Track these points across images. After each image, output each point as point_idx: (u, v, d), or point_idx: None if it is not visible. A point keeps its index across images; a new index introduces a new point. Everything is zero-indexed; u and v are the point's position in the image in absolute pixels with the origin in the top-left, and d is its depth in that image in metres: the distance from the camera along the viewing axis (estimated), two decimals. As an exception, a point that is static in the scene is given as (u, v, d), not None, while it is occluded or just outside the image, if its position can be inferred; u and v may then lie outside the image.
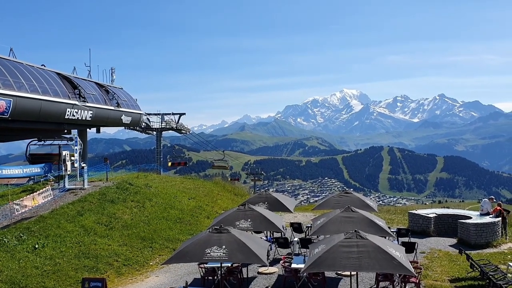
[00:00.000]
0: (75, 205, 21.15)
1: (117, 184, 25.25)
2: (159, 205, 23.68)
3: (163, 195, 25.69)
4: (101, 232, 18.87)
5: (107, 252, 17.32)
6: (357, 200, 17.71)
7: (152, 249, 18.66)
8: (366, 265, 9.29)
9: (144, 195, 24.47)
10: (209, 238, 11.08)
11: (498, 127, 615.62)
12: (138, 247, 18.49)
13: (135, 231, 19.82)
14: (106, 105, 30.32)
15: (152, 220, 21.45)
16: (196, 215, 24.07)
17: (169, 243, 19.51)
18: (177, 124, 52.50)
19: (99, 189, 23.86)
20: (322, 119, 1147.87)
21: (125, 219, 20.72)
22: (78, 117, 26.28)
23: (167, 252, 18.48)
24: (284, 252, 17.47)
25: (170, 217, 22.43)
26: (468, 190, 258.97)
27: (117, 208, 21.64)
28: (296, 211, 29.55)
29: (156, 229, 20.57)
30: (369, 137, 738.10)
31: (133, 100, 35.68)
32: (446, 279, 14.64)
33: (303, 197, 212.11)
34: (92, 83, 30.79)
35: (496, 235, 19.78)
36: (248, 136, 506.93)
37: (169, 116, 52.30)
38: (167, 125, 51.72)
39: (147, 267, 17.12)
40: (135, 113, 35.08)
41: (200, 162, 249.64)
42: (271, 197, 18.31)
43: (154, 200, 24.23)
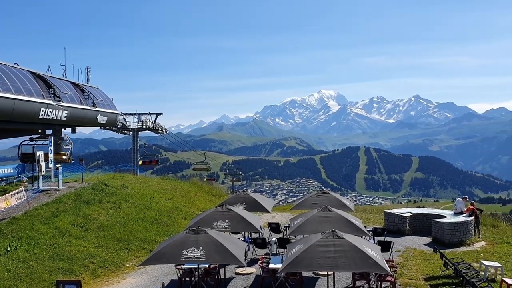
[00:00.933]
0: (49, 206, 20.73)
1: (93, 185, 24.88)
2: (135, 206, 23.42)
3: (139, 196, 25.43)
4: (76, 234, 18.55)
5: (82, 253, 17.04)
6: (334, 200, 17.87)
7: (129, 251, 18.45)
8: (343, 264, 9.38)
9: (120, 196, 24.17)
10: (186, 239, 11.01)
11: (472, 128, 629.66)
12: (114, 249, 18.25)
13: (111, 232, 19.56)
14: (82, 105, 29.82)
15: (129, 221, 21.21)
16: (173, 216, 23.90)
17: (146, 245, 19.32)
18: (154, 124, 52.01)
19: (74, 190, 23.45)
20: (300, 119, 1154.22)
21: (101, 220, 20.43)
22: (53, 117, 25.77)
23: (143, 254, 18.30)
24: (262, 253, 17.49)
25: (146, 218, 22.21)
26: (443, 190, 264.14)
27: (93, 209, 21.32)
28: (274, 211, 29.62)
29: (133, 230, 20.35)
30: (346, 138, 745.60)
31: (109, 99, 35.19)
32: (421, 278, 14.89)
33: (282, 197, 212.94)
34: (67, 83, 30.24)
35: (470, 234, 20.21)
36: (226, 136, 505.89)
37: (145, 116, 51.76)
38: (144, 125, 51.19)
39: (124, 268, 16.92)
40: (111, 113, 34.60)
41: (178, 163, 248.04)
42: (249, 197, 18.31)
43: (130, 201, 23.96)
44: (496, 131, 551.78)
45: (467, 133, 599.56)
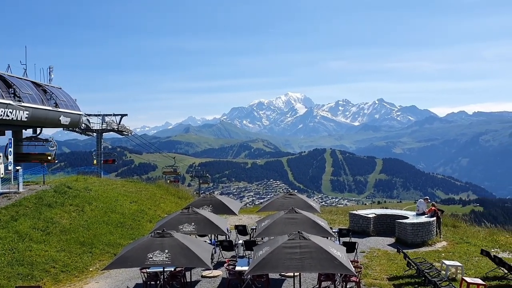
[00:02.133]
0: (8, 210, 20.02)
1: (55, 188, 24.20)
2: (99, 209, 22.93)
3: (103, 198, 24.91)
4: (37, 238, 17.98)
5: (43, 258, 16.53)
6: (300, 202, 17.98)
7: (92, 255, 18.03)
8: (309, 265, 9.44)
9: (84, 199, 23.61)
10: (151, 243, 10.84)
11: (433, 131, 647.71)
12: (77, 253, 17.80)
13: (74, 236, 19.07)
14: (44, 105, 28.96)
15: (92, 225, 20.74)
16: (138, 219, 23.54)
17: (110, 248, 18.94)
18: (118, 125, 51.11)
19: (35, 193, 22.74)
20: (267, 121, 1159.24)
21: (63, 224, 19.89)
22: (13, 117, 24.91)
23: (107, 257, 17.93)
24: (229, 255, 17.43)
25: (111, 221, 21.78)
26: (405, 191, 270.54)
27: (55, 213, 20.73)
28: (241, 214, 29.60)
29: (96, 233, 19.90)
30: (312, 140, 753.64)
31: (72, 100, 34.33)
32: (384, 278, 15.18)
33: (249, 199, 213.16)
34: (28, 82, 29.30)
35: (431, 234, 20.77)
36: (193, 138, 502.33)
37: (110, 117, 50.82)
38: (108, 126, 50.23)
39: (87, 273, 16.52)
40: (75, 114, 33.76)
41: (143, 165, 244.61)
42: (216, 200, 18.22)
43: (94, 203, 23.44)
44: (457, 134, 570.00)
45: (428, 136, 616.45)
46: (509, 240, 21.64)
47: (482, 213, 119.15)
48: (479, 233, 24.12)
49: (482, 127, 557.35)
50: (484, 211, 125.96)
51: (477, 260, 17.58)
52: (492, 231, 24.73)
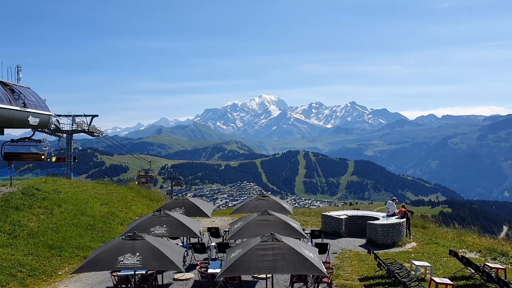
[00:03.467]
0: (-28, 213, 19.39)
1: (23, 190, 23.55)
2: (69, 212, 22.43)
3: (73, 201, 24.40)
4: (3, 241, 17.45)
5: (9, 262, 16.04)
6: (273, 203, 18.01)
7: (61, 258, 17.61)
8: (281, 267, 9.46)
9: (53, 201, 23.06)
10: (122, 245, 10.67)
11: (403, 134, 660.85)
12: (45, 256, 17.35)
13: (42, 239, 18.59)
14: (11, 105, 28.17)
15: (61, 227, 20.26)
16: (109, 222, 23.14)
17: (80, 251, 18.55)
18: (89, 126, 50.17)
19: (1, 195, 22.08)
20: (241, 123, 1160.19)
21: (31, 227, 19.37)
22: (-22, 118, 24.15)
23: (77, 261, 17.55)
24: (201, 258, 17.32)
25: (81, 224, 21.33)
26: (376, 193, 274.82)
27: (22, 215, 20.17)
28: (214, 216, 29.48)
29: (66, 236, 19.46)
30: (286, 142, 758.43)
31: (41, 100, 33.47)
32: (356, 278, 15.35)
33: (222, 201, 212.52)
34: (-6, 81, 28.45)
35: (401, 235, 21.13)
36: (165, 139, 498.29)
37: (80, 118, 49.81)
38: (78, 127, 49.23)
39: (55, 277, 16.12)
40: (44, 114, 32.89)
41: (114, 166, 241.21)
42: (188, 202, 18.07)
43: (63, 206, 22.92)
44: (426, 136, 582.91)
45: (399, 138, 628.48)
46: (477, 240, 22.21)
47: (451, 214, 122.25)
48: (447, 234, 24.70)
49: (451, 130, 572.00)
50: (453, 212, 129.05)
51: (445, 260, 17.97)
52: (460, 232, 25.37)
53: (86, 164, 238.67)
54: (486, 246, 20.75)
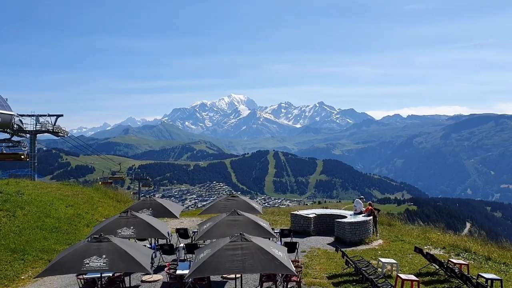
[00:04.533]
0: None
1: (-18, 192, 22.74)
2: (32, 214, 21.76)
3: (37, 202, 23.70)
4: (-39, 247, 16.81)
5: (-32, 268, 15.47)
6: (243, 203, 18.00)
7: (24, 262, 17.07)
8: (250, 266, 9.44)
9: (15, 203, 22.34)
10: (88, 248, 10.42)
11: (370, 133, 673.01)
12: (7, 260, 16.78)
13: (4, 242, 17.98)
14: (-31, 104, 27.18)
15: (24, 230, 19.65)
16: (75, 224, 22.59)
17: (44, 254, 18.03)
18: (53, 126, 48.91)
19: (-41, 198, 21.27)
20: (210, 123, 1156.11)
21: (-9, 231, 18.70)
22: None
23: (41, 264, 17.05)
24: (170, 259, 17.12)
25: (45, 226, 20.74)
26: (344, 191, 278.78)
27: (-18, 219, 19.46)
28: (183, 217, 29.22)
29: (29, 239, 18.88)
30: (256, 142, 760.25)
31: (2, 99, 32.43)
32: (324, 276, 15.48)
33: (191, 202, 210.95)
34: (-48, 80, 27.44)
35: (368, 233, 21.47)
36: (132, 139, 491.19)
37: (44, 118, 48.53)
38: (43, 127, 47.94)
39: (18, 281, 15.61)
40: (5, 114, 31.89)
41: (80, 167, 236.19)
42: (156, 203, 17.82)
43: (26, 208, 22.23)
44: (392, 136, 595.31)
45: (366, 138, 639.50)
46: (441, 237, 22.81)
47: (416, 212, 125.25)
48: (413, 231, 25.28)
49: (416, 130, 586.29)
50: (418, 210, 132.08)
51: (411, 257, 18.37)
52: (425, 229, 26.01)
53: (50, 165, 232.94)
54: (450, 243, 21.35)
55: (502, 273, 16.35)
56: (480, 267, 17.07)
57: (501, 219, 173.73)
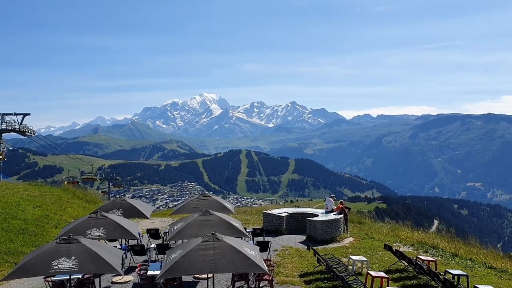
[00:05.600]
0: None
1: None
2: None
3: (3, 204, 23.03)
4: None
5: None
6: (215, 203, 17.93)
7: (-11, 265, 16.57)
8: (222, 266, 9.43)
9: (-21, 205, 21.66)
10: (56, 249, 10.18)
11: (341, 133, 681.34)
12: (-30, 264, 16.27)
13: (-33, 246, 17.42)
14: None
15: (-11, 233, 19.07)
16: (43, 225, 22.05)
17: (10, 257, 17.53)
18: (20, 126, 47.66)
19: None
20: (182, 122, 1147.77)
21: (-47, 234, 18.08)
22: None
23: (7, 267, 16.57)
24: (141, 260, 16.92)
25: (11, 228, 20.17)
26: (316, 190, 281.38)
27: None
28: (154, 217, 28.94)
29: (-6, 242, 18.34)
30: (228, 141, 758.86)
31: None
32: (296, 275, 15.60)
33: (162, 202, 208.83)
34: None
35: (339, 231, 21.74)
36: (102, 139, 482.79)
37: (10, 117, 47.25)
38: (8, 126, 46.68)
39: (-18, 286, 15.17)
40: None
41: (48, 167, 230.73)
42: (126, 203, 17.58)
43: (-9, 210, 21.58)
44: (362, 135, 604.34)
45: (337, 137, 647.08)
46: (409, 235, 23.31)
47: (385, 210, 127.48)
48: (382, 228, 25.75)
49: (385, 129, 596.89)
50: (387, 208, 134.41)
51: (380, 254, 18.70)
52: (394, 226, 26.54)
53: (17, 165, 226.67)
54: (418, 240, 21.84)
55: (468, 269, 16.82)
56: (447, 264, 17.52)
57: (468, 216, 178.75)
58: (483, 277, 15.79)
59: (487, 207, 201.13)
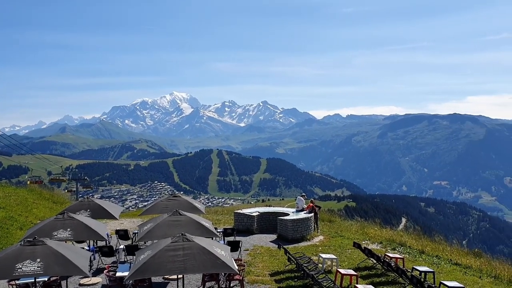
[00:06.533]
0: None
1: None
2: (-42, 218, 20.41)
3: (-36, 206, 22.25)
4: None
5: None
6: (185, 203, 17.80)
7: (-52, 270, 15.93)
8: (192, 267, 9.38)
9: None
10: (21, 252, 9.90)
11: (312, 132, 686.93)
12: None
13: None
14: None
15: (-51, 236, 18.38)
16: (7, 227, 21.41)
17: (-29, 261, 16.92)
18: (-17, 125, 46.09)
19: None
20: (151, 121, 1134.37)
21: None
22: None
23: (-32, 272, 15.98)
24: (109, 261, 16.64)
25: (-28, 231, 19.51)
26: (287, 189, 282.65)
27: None
28: (123, 218, 28.50)
29: (-46, 246, 17.68)
30: (199, 140, 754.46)
31: None
32: (267, 274, 15.65)
33: (131, 202, 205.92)
34: None
35: (310, 229, 21.94)
36: (69, 138, 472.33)
37: (-28, 115, 45.63)
38: (-30, 125, 45.07)
39: None
40: None
41: (13, 167, 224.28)
42: (94, 204, 17.28)
43: (-49, 212, 20.81)
44: (332, 135, 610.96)
45: (308, 136, 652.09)
46: (378, 232, 23.72)
47: (355, 208, 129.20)
48: (352, 227, 26.12)
49: (354, 129, 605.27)
50: (357, 206, 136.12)
51: (350, 252, 18.96)
52: (363, 224, 26.95)
53: None
54: (386, 238, 22.26)
55: (435, 265, 17.24)
56: (415, 261, 17.91)
57: (434, 214, 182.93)
58: (448, 273, 16.21)
59: (453, 205, 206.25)
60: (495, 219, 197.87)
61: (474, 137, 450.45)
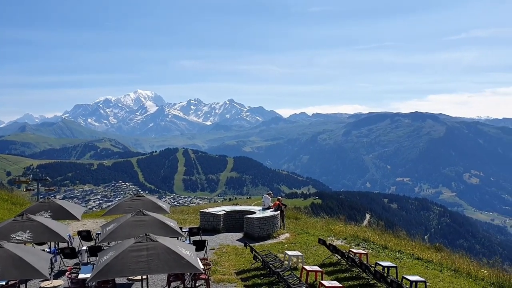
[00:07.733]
0: None
1: None
2: None
3: None
4: None
5: None
6: (149, 203, 17.57)
7: None
8: (155, 267, 9.26)
9: None
10: (-24, 256, 9.54)
11: (279, 131, 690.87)
12: None
13: None
14: None
15: None
16: (-38, 230, 20.54)
17: None
18: None
19: None
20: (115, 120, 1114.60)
21: None
22: None
23: None
24: (72, 263, 16.24)
25: None
26: (254, 187, 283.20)
27: None
28: (86, 218, 27.85)
29: None
30: (164, 139, 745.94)
31: None
32: (233, 272, 15.63)
33: (95, 202, 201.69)
34: None
35: (276, 227, 22.07)
36: (30, 137, 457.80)
37: None
38: None
39: None
40: None
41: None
42: (55, 204, 16.81)
43: None
44: (298, 133, 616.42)
45: (274, 135, 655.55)
46: (343, 229, 24.10)
47: (320, 205, 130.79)
48: (317, 223, 26.43)
49: (320, 127, 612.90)
50: (322, 203, 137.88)
51: (315, 248, 19.18)
52: (328, 221, 27.33)
53: None
54: (351, 234, 22.64)
55: (397, 260, 17.65)
56: (378, 256, 18.29)
57: (397, 210, 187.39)
58: (411, 268, 16.63)
59: (415, 201, 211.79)
60: (455, 214, 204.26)
61: (434, 135, 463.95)
